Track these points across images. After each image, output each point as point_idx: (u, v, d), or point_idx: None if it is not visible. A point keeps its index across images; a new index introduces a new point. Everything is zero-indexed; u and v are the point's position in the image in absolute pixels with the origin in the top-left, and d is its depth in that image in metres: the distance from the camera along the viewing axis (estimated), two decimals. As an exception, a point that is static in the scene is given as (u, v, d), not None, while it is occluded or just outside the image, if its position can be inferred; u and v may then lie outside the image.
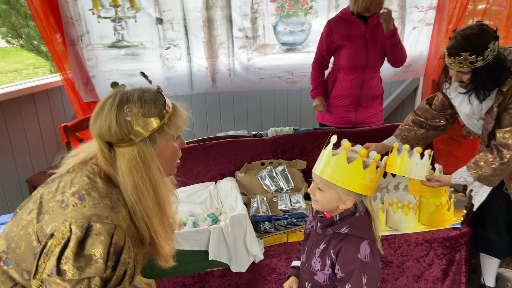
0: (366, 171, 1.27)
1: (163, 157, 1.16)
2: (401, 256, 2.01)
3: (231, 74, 3.46)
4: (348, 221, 1.32)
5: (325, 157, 1.32)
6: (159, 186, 1.13)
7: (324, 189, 1.32)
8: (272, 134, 2.33)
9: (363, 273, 1.26)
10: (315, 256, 1.38)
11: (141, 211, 1.11)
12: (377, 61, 2.64)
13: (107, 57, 3.13)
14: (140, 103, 1.10)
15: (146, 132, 1.10)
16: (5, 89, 2.73)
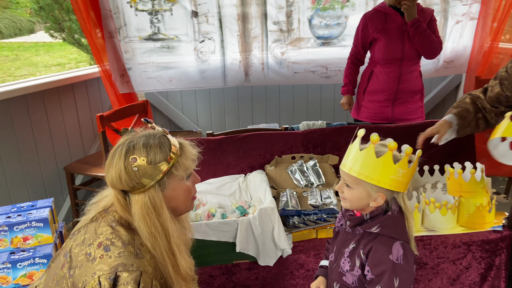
0: (397, 166, 1.20)
1: (176, 198, 1.18)
2: (436, 258, 1.92)
3: (264, 68, 3.44)
4: (379, 220, 1.26)
5: (352, 152, 1.26)
6: (171, 232, 1.14)
7: (353, 186, 1.26)
8: (304, 128, 2.29)
9: (395, 276, 1.20)
10: (344, 256, 1.33)
11: (157, 256, 1.13)
12: (415, 54, 2.54)
13: (143, 50, 3.19)
14: (145, 151, 1.11)
15: (154, 179, 1.12)
16: (46, 79, 2.82)
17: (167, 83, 3.32)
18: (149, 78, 3.26)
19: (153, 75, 3.26)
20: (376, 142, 1.23)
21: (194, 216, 2.03)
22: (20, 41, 15.19)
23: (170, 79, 3.32)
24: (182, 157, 1.17)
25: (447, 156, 2.37)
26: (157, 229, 1.12)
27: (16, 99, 2.62)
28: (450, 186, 1.99)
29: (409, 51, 2.50)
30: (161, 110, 3.62)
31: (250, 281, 1.88)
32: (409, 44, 2.49)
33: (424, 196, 1.99)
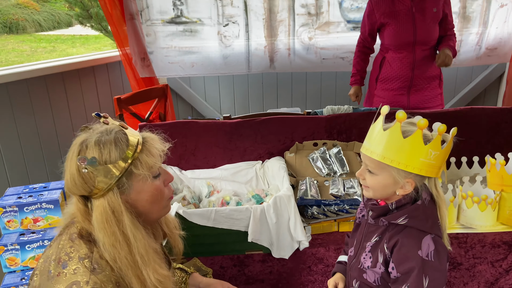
0: (428, 147, 1.04)
1: (143, 201, 1.04)
2: (473, 258, 1.72)
3: (290, 54, 3.29)
4: (407, 210, 1.09)
5: (375, 132, 1.09)
6: (133, 241, 1.00)
7: (376, 172, 1.10)
8: (328, 112, 2.12)
9: (424, 274, 1.04)
10: (365, 251, 1.18)
11: (120, 269, 0.99)
12: (428, 37, 2.35)
13: (165, 33, 3.11)
14: (98, 149, 0.98)
15: (110, 181, 0.99)
16: (66, 61, 2.79)
17: (189, 69, 3.23)
18: (171, 63, 3.17)
19: (175, 60, 3.17)
20: (402, 120, 1.05)
21: (207, 203, 1.92)
22: (58, 34, 15.70)
23: (192, 64, 3.22)
24: (143, 153, 1.02)
25: (488, 147, 2.14)
26: (117, 238, 0.98)
27: (35, 79, 2.60)
28: (490, 179, 1.80)
29: (421, 34, 2.31)
30: (184, 97, 3.53)
31: (264, 275, 1.75)
32: (421, 26, 2.30)
33: (461, 189, 1.79)
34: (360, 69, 2.56)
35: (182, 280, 1.33)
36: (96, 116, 1.06)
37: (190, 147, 2.12)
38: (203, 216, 1.63)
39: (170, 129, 2.09)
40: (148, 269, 1.00)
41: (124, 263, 0.98)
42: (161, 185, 1.08)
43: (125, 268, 0.98)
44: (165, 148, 1.09)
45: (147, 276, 1.00)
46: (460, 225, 1.78)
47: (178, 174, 2.07)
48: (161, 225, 1.20)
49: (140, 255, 1.00)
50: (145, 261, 1.00)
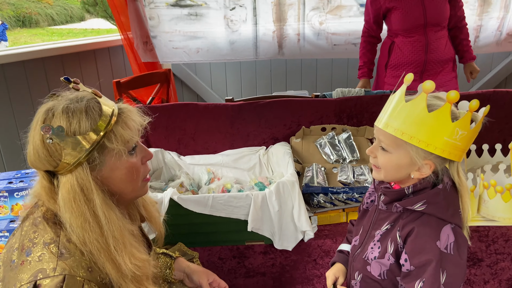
0: (456, 125, 0.90)
1: (116, 179, 0.93)
2: (495, 254, 1.57)
3: (300, 39, 3.15)
4: (426, 195, 0.95)
5: (394, 103, 0.95)
6: (104, 223, 0.88)
7: (390, 149, 0.96)
8: (338, 95, 1.97)
9: (442, 269, 0.90)
10: (373, 240, 1.04)
11: (90, 253, 0.88)
12: (439, 17, 2.20)
13: (170, 17, 3.00)
14: (66, 118, 0.86)
15: (79, 154, 0.87)
16: (66, 44, 2.70)
17: (194, 54, 3.11)
18: (175, 48, 3.06)
19: (180, 45, 3.06)
20: (430, 91, 0.91)
21: (207, 190, 1.80)
22: (70, 28, 15.83)
23: (197, 50, 3.10)
24: (119, 125, 0.91)
25: None
26: (87, 218, 0.87)
27: (33, 61, 2.53)
28: (516, 167, 1.63)
29: (432, 14, 2.17)
30: (189, 85, 3.42)
31: (265, 267, 1.63)
32: (431, 6, 2.15)
33: (482, 178, 1.63)
34: (367, 60, 2.42)
35: (167, 266, 1.24)
36: (65, 81, 0.93)
37: (190, 131, 1.99)
38: (199, 203, 1.51)
39: (168, 112, 1.98)
40: (123, 253, 0.89)
41: (95, 247, 0.87)
42: (138, 162, 0.96)
43: (96, 252, 0.87)
44: (144, 122, 0.97)
45: (123, 261, 0.88)
46: (481, 217, 1.62)
47: (176, 160, 1.95)
48: (138, 207, 1.09)
49: (114, 238, 0.89)
50: (120, 244, 0.89)
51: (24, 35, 13.96)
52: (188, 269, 1.24)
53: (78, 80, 0.94)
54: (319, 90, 3.39)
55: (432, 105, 0.92)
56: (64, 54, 2.67)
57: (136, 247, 0.93)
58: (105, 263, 0.87)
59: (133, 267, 0.89)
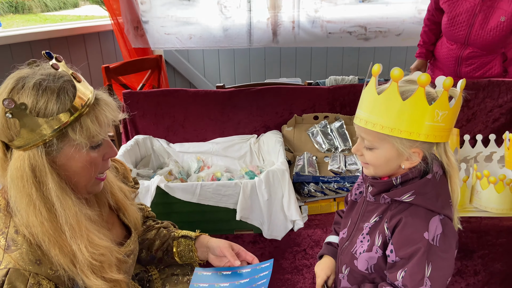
0: (434, 107, 0.86)
1: (69, 169, 0.86)
2: (487, 246, 1.55)
3: (295, 27, 3.09)
4: (414, 185, 0.92)
5: (368, 98, 0.91)
6: (58, 208, 0.82)
7: (375, 145, 0.92)
8: (331, 83, 1.93)
9: (428, 261, 0.87)
10: (362, 233, 1.00)
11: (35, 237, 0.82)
12: (483, 44, 1.95)
13: (162, 2, 2.92)
14: (34, 94, 0.79)
15: (35, 137, 0.80)
16: (54, 27, 2.63)
17: (186, 41, 3.04)
18: (167, 34, 2.99)
19: (172, 31, 2.99)
20: (399, 79, 0.87)
21: (196, 179, 1.76)
22: (64, 14, 15.58)
23: (190, 36, 3.03)
24: (89, 117, 0.83)
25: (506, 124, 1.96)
26: (32, 201, 0.81)
27: (20, 45, 2.45)
28: (510, 157, 1.62)
29: (475, 39, 1.94)
30: (181, 72, 3.36)
31: (254, 257, 1.59)
32: (478, 32, 1.91)
33: (475, 168, 1.60)
34: (427, 41, 2.18)
35: (189, 249, 1.17)
36: (46, 56, 0.86)
37: (179, 118, 1.95)
38: (187, 191, 1.48)
39: (157, 98, 1.93)
40: (79, 241, 0.83)
41: (39, 230, 0.81)
42: (98, 158, 0.89)
43: (41, 237, 0.81)
44: (118, 118, 0.90)
45: (78, 249, 0.83)
46: (473, 208, 1.60)
47: (165, 147, 1.91)
48: (105, 193, 1.02)
49: (70, 226, 0.83)
50: (76, 232, 0.83)
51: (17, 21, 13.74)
52: (210, 243, 1.16)
53: (62, 57, 0.87)
54: (314, 79, 3.33)
55: (405, 91, 0.88)
56: (52, 38, 2.59)
57: (95, 233, 0.87)
58: (53, 251, 0.82)
59: (90, 255, 0.83)
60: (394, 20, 3.03)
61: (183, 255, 1.17)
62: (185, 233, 1.21)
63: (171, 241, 1.19)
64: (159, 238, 1.20)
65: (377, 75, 0.91)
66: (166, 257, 1.20)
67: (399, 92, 0.86)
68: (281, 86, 1.94)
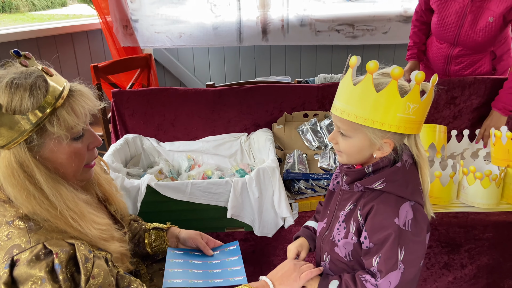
0: (406, 99, 0.89)
1: (57, 162, 0.89)
2: (474, 240, 1.57)
3: (284, 25, 3.10)
4: (384, 173, 0.96)
5: (344, 88, 0.94)
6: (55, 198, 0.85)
7: (349, 134, 0.96)
8: (321, 81, 1.94)
9: (400, 245, 0.91)
10: (338, 221, 1.04)
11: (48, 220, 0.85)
12: (473, 44, 1.95)
13: (152, 0, 2.91)
14: (7, 93, 0.81)
15: (15, 135, 0.82)
16: (42, 26, 2.60)
17: (176, 39, 3.04)
18: (157, 33, 2.98)
19: (162, 29, 2.98)
20: (374, 71, 0.90)
21: (187, 177, 1.76)
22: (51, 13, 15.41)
23: (180, 34, 3.03)
24: (64, 109, 0.85)
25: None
26: (30, 192, 0.84)
27: (7, 44, 2.41)
28: (495, 154, 1.65)
29: (464, 39, 1.94)
30: (171, 71, 3.35)
31: (246, 254, 1.60)
32: (468, 32, 1.91)
33: (462, 164, 1.63)
34: (418, 41, 2.17)
35: (161, 239, 1.27)
36: (14, 54, 0.88)
37: (169, 116, 1.94)
38: (178, 190, 1.48)
39: (146, 97, 1.93)
40: (84, 222, 0.87)
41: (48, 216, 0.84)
42: (82, 148, 0.92)
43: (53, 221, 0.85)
44: (95, 107, 0.92)
45: (88, 229, 0.87)
46: (460, 203, 1.63)
47: (155, 146, 1.90)
48: (93, 184, 1.05)
49: (71, 211, 0.86)
50: (78, 215, 0.87)
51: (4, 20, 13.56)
52: (180, 235, 1.26)
53: (30, 54, 0.89)
54: (303, 77, 3.36)
55: (380, 84, 0.91)
56: (40, 37, 2.57)
57: (94, 214, 0.92)
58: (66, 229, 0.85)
59: (98, 232, 0.88)
60: (381, 18, 3.06)
61: (154, 246, 1.26)
62: (156, 225, 1.30)
63: (143, 233, 1.27)
64: (130, 231, 1.24)
65: (354, 66, 0.94)
66: (137, 248, 1.27)
67: (374, 84, 0.90)
68: (271, 85, 1.94)
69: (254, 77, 3.36)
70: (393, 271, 0.91)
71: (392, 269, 0.91)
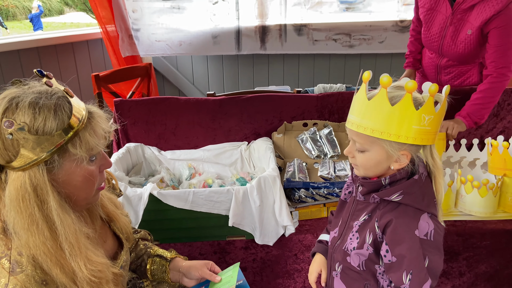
0: (421, 112, 0.91)
1: (70, 184, 0.87)
2: (471, 248, 1.59)
3: (282, 34, 3.15)
4: (402, 186, 0.97)
5: (358, 103, 0.96)
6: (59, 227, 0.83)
7: (366, 148, 0.97)
8: (320, 91, 1.97)
9: (424, 255, 0.92)
10: (352, 231, 1.05)
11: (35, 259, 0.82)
12: (455, 56, 1.97)
13: (152, 10, 2.96)
14: (31, 113, 0.79)
15: (36, 156, 0.80)
16: (43, 36, 2.62)
17: (176, 47, 3.07)
18: (158, 41, 3.02)
19: (162, 38, 3.02)
20: (388, 85, 0.93)
21: (188, 186, 1.78)
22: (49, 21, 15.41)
23: (180, 43, 3.07)
24: (86, 130, 0.85)
25: (489, 130, 2.02)
26: (35, 220, 0.81)
27: (8, 54, 2.43)
28: (492, 163, 1.67)
29: (447, 51, 1.97)
30: (170, 80, 3.38)
31: (246, 262, 1.62)
32: (449, 44, 1.93)
33: (459, 173, 1.66)
34: (414, 50, 2.20)
35: (162, 269, 1.19)
36: (38, 74, 0.86)
37: (170, 125, 1.96)
38: (180, 198, 1.49)
39: (148, 106, 1.95)
40: (78, 259, 0.83)
41: (41, 251, 0.81)
42: (95, 170, 0.91)
43: (43, 257, 0.81)
44: (111, 129, 0.92)
45: (78, 267, 0.83)
46: (458, 212, 1.65)
47: (157, 155, 1.92)
48: (97, 207, 1.03)
49: (69, 244, 0.83)
50: (75, 250, 0.83)
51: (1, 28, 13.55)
52: (183, 269, 1.17)
53: (52, 75, 0.88)
54: (301, 86, 3.39)
55: (394, 97, 0.93)
56: (41, 47, 2.59)
57: (92, 250, 0.88)
58: (54, 271, 0.82)
59: (89, 273, 0.84)
60: (377, 28, 3.11)
61: (155, 274, 1.19)
62: (161, 252, 1.22)
63: (146, 258, 1.21)
64: (135, 251, 1.22)
65: (367, 81, 0.96)
66: (139, 271, 1.22)
67: (388, 97, 0.91)
68: (271, 94, 1.97)
69: (252, 85, 3.40)
70: (425, 283, 0.92)
71: (423, 281, 0.92)
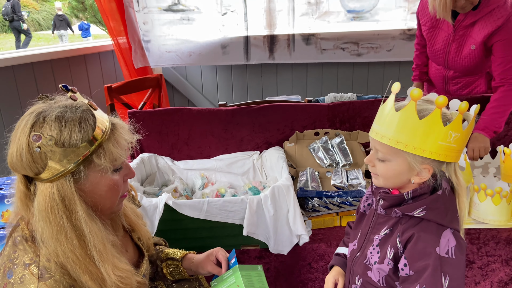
0: (448, 128, 0.91)
1: (96, 194, 0.90)
2: (486, 256, 1.59)
3: (290, 44, 3.18)
4: (425, 201, 0.96)
5: (386, 113, 0.96)
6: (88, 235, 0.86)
7: (388, 158, 0.97)
8: (331, 100, 1.99)
9: (444, 273, 0.90)
10: (372, 244, 1.04)
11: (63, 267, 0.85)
12: (461, 69, 2.01)
13: (163, 21, 3.01)
14: (57, 127, 0.83)
15: (63, 167, 0.84)
16: (55, 49, 2.67)
17: (186, 58, 3.12)
18: (168, 52, 3.06)
19: (172, 49, 3.07)
20: (418, 98, 0.92)
21: (201, 195, 1.79)
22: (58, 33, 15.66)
23: (189, 53, 3.11)
24: (110, 142, 0.88)
25: (500, 138, 2.02)
26: (63, 230, 0.83)
27: (22, 66, 2.48)
28: (505, 170, 1.67)
29: (453, 65, 2.00)
30: (179, 90, 3.41)
31: (260, 271, 1.62)
32: (454, 59, 1.97)
33: (472, 182, 1.66)
34: (420, 63, 2.23)
35: (177, 270, 1.22)
36: (63, 89, 0.90)
37: (183, 136, 1.99)
38: (194, 208, 1.51)
39: (161, 117, 1.97)
40: (106, 265, 0.86)
41: (70, 259, 0.84)
42: (119, 180, 0.94)
43: (71, 265, 0.84)
44: (134, 140, 0.95)
45: (106, 274, 0.86)
46: (472, 220, 1.65)
47: (170, 165, 1.94)
48: (120, 216, 1.06)
49: (98, 251, 0.86)
50: (103, 256, 0.86)
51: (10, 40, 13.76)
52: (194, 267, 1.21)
53: (76, 89, 0.92)
54: (310, 95, 3.42)
55: (423, 110, 0.93)
56: (54, 59, 2.64)
57: (118, 257, 0.90)
58: (83, 278, 0.84)
59: (116, 279, 0.86)
60: (385, 36, 3.13)
61: (174, 274, 1.23)
62: (170, 254, 1.25)
63: (160, 263, 1.24)
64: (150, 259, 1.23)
65: (396, 93, 0.96)
66: (157, 276, 1.25)
67: (417, 110, 0.91)
68: (282, 104, 1.99)
69: (261, 94, 3.42)
70: None
71: None
